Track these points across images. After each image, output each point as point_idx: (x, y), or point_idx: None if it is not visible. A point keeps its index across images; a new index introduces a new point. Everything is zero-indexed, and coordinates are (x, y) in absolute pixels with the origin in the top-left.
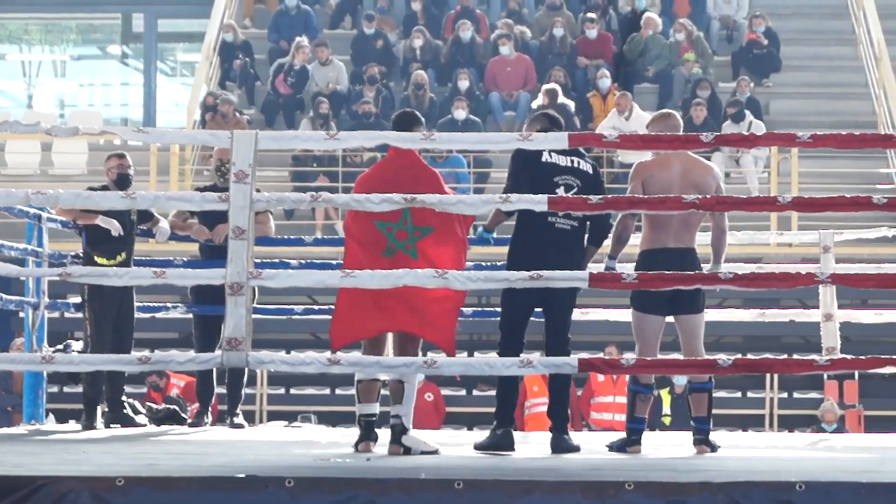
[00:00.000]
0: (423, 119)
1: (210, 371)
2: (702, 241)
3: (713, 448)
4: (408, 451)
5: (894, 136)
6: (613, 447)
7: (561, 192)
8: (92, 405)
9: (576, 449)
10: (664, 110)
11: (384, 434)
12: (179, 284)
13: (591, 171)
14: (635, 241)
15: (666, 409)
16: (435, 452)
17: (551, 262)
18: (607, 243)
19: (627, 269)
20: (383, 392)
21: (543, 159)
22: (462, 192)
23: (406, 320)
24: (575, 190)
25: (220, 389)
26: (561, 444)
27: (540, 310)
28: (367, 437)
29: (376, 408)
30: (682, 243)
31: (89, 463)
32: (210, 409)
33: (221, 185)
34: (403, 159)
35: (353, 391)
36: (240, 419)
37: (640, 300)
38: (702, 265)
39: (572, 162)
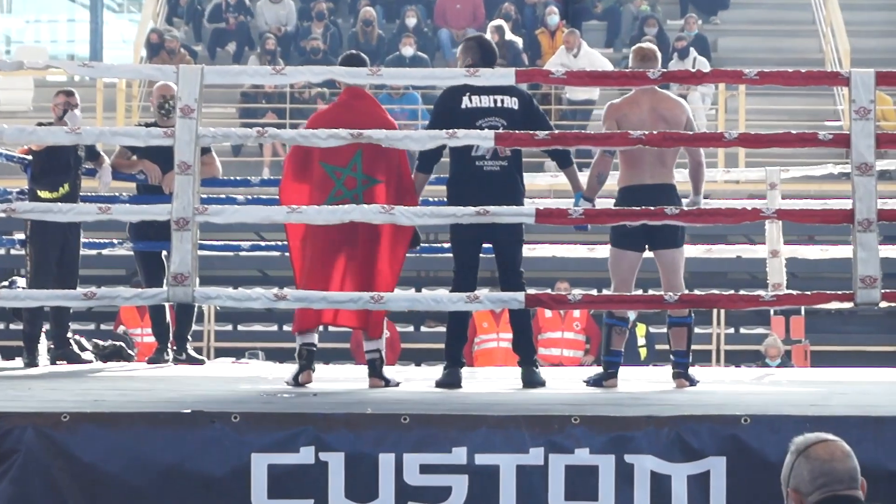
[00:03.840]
0: (367, 61)
1: (163, 308)
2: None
3: (692, 382)
4: (388, 382)
5: (840, 73)
6: (591, 382)
7: None
8: (32, 343)
9: (545, 383)
10: (645, 47)
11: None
12: (124, 220)
13: (517, 108)
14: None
15: (641, 340)
16: (397, 385)
17: (483, 202)
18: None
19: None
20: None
21: (463, 105)
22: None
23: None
24: (500, 130)
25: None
26: (532, 378)
27: (490, 246)
28: (308, 366)
29: (316, 338)
30: (658, 179)
31: (34, 399)
32: (169, 344)
33: (163, 123)
34: (358, 102)
35: None
36: (193, 353)
37: (616, 236)
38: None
39: (495, 102)
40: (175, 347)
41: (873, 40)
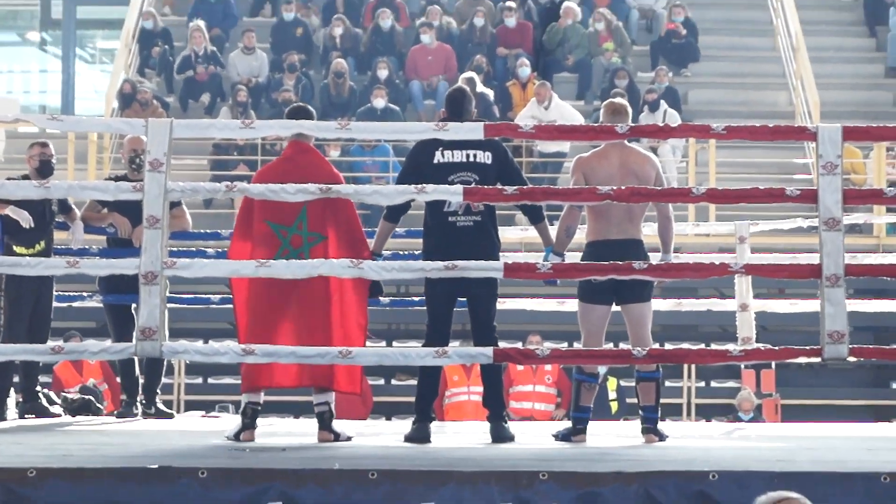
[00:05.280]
0: (314, 112)
1: (132, 361)
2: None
3: (661, 437)
4: (337, 436)
5: (807, 128)
6: (559, 436)
7: None
8: (1, 396)
9: (513, 438)
10: (616, 102)
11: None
12: (93, 274)
13: (490, 162)
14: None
15: (612, 394)
16: (349, 440)
17: (457, 258)
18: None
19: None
20: None
21: (435, 161)
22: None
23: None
24: (472, 185)
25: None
26: (501, 433)
27: (464, 300)
28: (251, 425)
29: (262, 397)
30: (625, 234)
31: (1, 454)
32: (136, 399)
33: (134, 177)
34: (303, 156)
35: None
36: (162, 406)
37: (584, 290)
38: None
39: (468, 156)
40: (144, 401)
41: (843, 93)
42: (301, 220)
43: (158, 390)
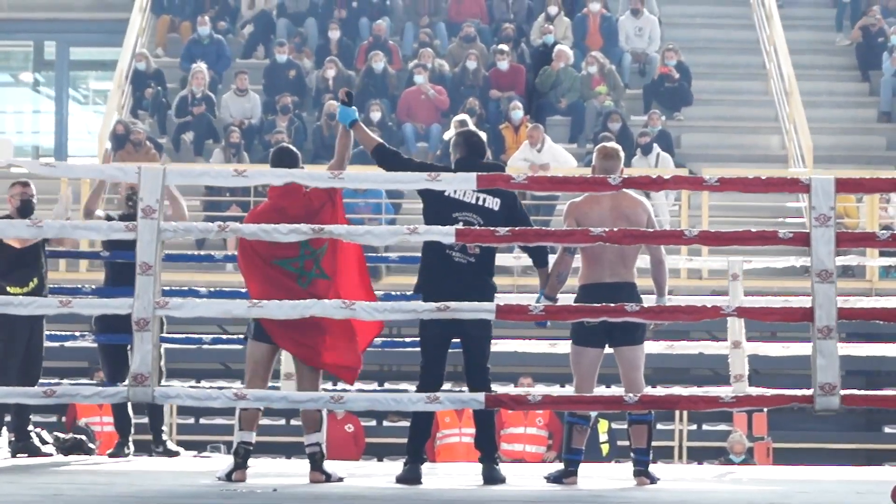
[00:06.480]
0: (298, 154)
1: (125, 402)
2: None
3: (653, 479)
4: (329, 477)
5: (800, 180)
6: (551, 478)
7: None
8: None
9: (505, 479)
10: (609, 146)
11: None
12: (86, 314)
13: (497, 209)
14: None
15: (603, 436)
16: (340, 480)
17: (450, 294)
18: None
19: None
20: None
21: (447, 193)
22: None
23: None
24: (474, 227)
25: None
26: (492, 475)
27: (458, 341)
28: (243, 465)
29: (254, 436)
30: (618, 277)
31: None
32: (129, 439)
33: (132, 213)
34: (286, 200)
35: (264, 422)
36: (171, 445)
37: (577, 333)
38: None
39: (477, 199)
40: (152, 440)
41: (836, 137)
42: (304, 247)
43: (164, 428)
